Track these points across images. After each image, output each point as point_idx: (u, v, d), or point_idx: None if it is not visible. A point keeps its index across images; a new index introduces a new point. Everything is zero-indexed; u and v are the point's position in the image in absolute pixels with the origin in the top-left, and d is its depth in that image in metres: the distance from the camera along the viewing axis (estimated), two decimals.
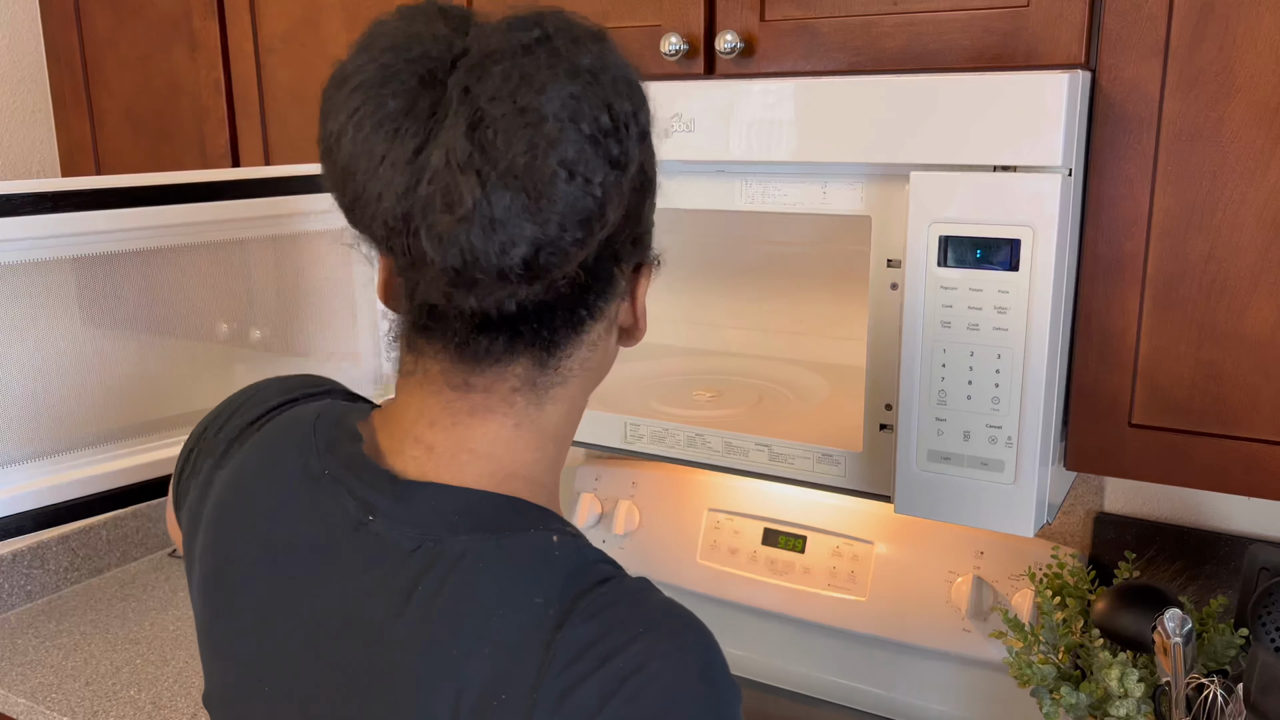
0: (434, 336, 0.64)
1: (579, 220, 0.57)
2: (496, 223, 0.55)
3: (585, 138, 0.56)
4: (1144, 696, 1.11)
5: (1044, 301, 0.95)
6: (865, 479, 1.11)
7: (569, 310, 0.64)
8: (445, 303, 0.61)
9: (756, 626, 1.55)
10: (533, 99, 0.55)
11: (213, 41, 1.61)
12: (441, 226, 0.55)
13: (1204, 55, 0.94)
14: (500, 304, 0.60)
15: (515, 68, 0.56)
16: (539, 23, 0.58)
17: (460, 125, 0.55)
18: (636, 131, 0.60)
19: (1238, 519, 1.30)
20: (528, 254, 0.56)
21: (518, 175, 0.55)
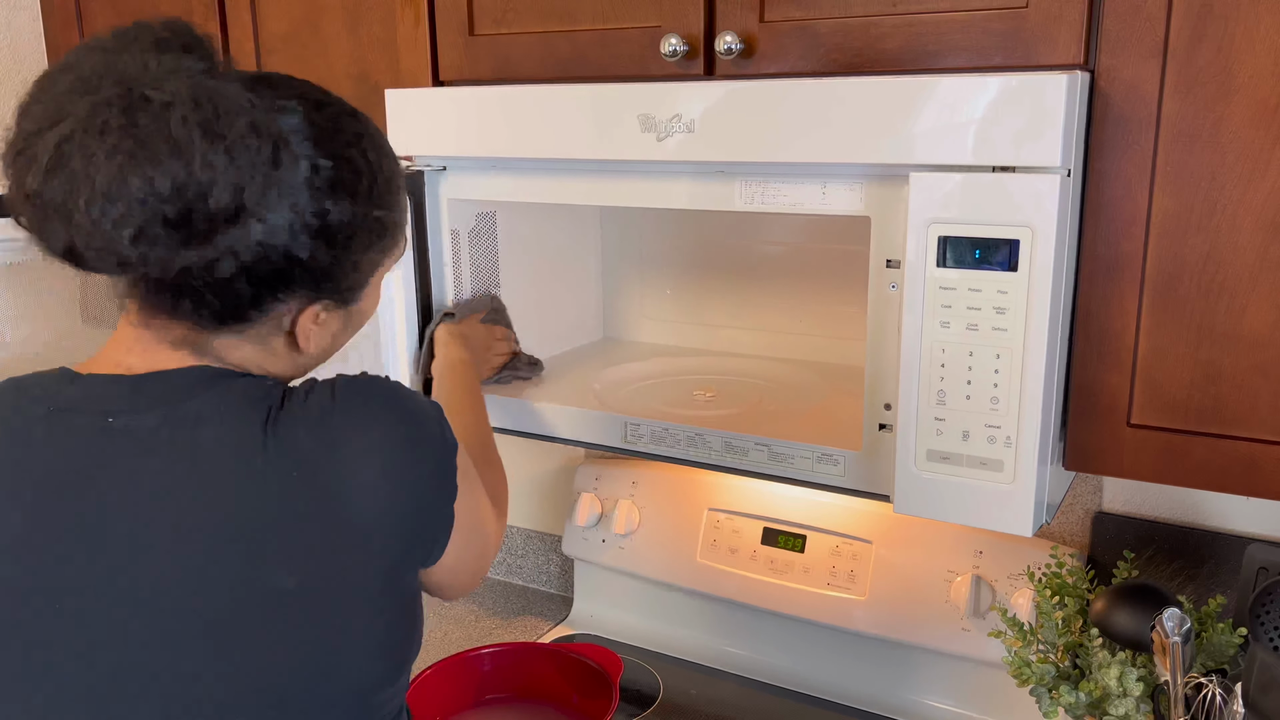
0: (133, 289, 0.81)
1: (113, 251, 0.72)
2: (48, 213, 0.72)
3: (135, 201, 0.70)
4: (1143, 696, 1.12)
5: (1043, 302, 0.96)
6: (865, 479, 1.12)
7: (206, 306, 0.79)
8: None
9: (756, 626, 1.56)
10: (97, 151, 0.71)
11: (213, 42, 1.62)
12: (17, 187, 0.74)
13: (1203, 56, 0.94)
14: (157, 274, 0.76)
15: (117, 115, 0.72)
16: (173, 89, 0.72)
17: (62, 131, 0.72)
18: (211, 208, 0.72)
19: (1236, 518, 1.30)
20: (64, 248, 0.73)
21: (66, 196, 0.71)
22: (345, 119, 0.83)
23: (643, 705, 1.47)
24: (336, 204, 0.79)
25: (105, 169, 0.69)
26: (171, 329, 0.81)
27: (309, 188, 0.77)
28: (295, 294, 0.81)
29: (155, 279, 0.76)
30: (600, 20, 1.21)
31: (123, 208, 0.69)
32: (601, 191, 1.20)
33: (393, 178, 0.86)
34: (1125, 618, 1.09)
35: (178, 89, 0.71)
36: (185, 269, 0.74)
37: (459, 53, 1.31)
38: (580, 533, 1.67)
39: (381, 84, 1.46)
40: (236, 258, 0.75)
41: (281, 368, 0.87)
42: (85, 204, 0.69)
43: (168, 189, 0.69)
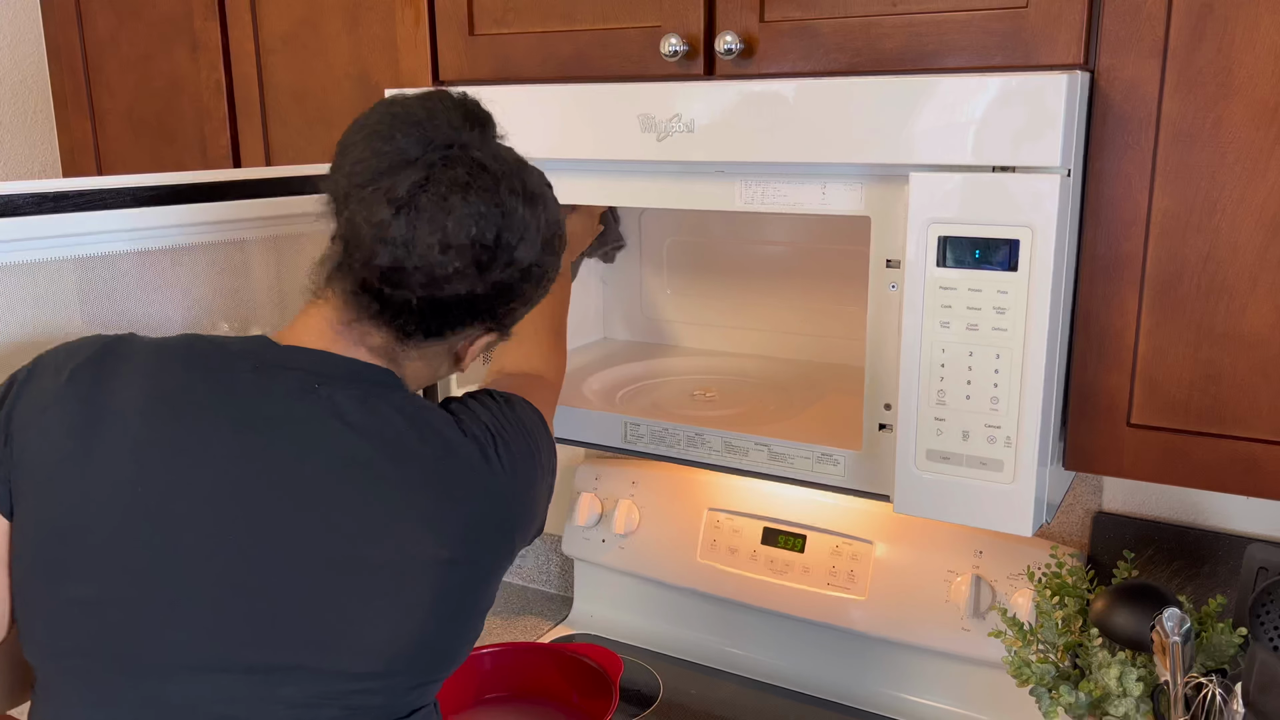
0: (339, 281, 0.92)
1: (429, 276, 0.87)
2: (385, 241, 0.86)
3: (467, 239, 0.88)
4: (1143, 695, 1.12)
5: (1043, 302, 0.96)
6: (865, 478, 1.12)
7: (423, 321, 0.91)
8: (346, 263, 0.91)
9: (756, 626, 1.56)
10: (455, 200, 0.88)
11: (214, 42, 1.62)
12: (360, 223, 0.88)
13: (1203, 56, 0.94)
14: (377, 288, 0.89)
15: (468, 174, 0.89)
16: (504, 160, 0.93)
17: (410, 179, 0.87)
18: (507, 258, 0.90)
19: (1236, 518, 1.30)
20: (387, 264, 0.87)
21: (414, 229, 0.86)
22: (549, 189, 0.97)
23: (643, 705, 1.47)
24: (549, 256, 0.94)
25: (456, 213, 0.85)
26: (373, 335, 0.92)
27: (521, 234, 0.90)
28: (479, 323, 0.94)
29: (390, 294, 0.89)
30: (600, 20, 1.21)
31: (457, 246, 0.86)
32: (601, 191, 1.20)
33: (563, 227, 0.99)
34: (1125, 618, 1.09)
35: (506, 160, 0.90)
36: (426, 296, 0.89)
37: (459, 53, 1.31)
38: (580, 533, 1.67)
39: (381, 84, 1.46)
40: (474, 286, 0.89)
41: (423, 380, 0.99)
42: (429, 236, 0.85)
43: (491, 239, 0.87)
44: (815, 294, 1.48)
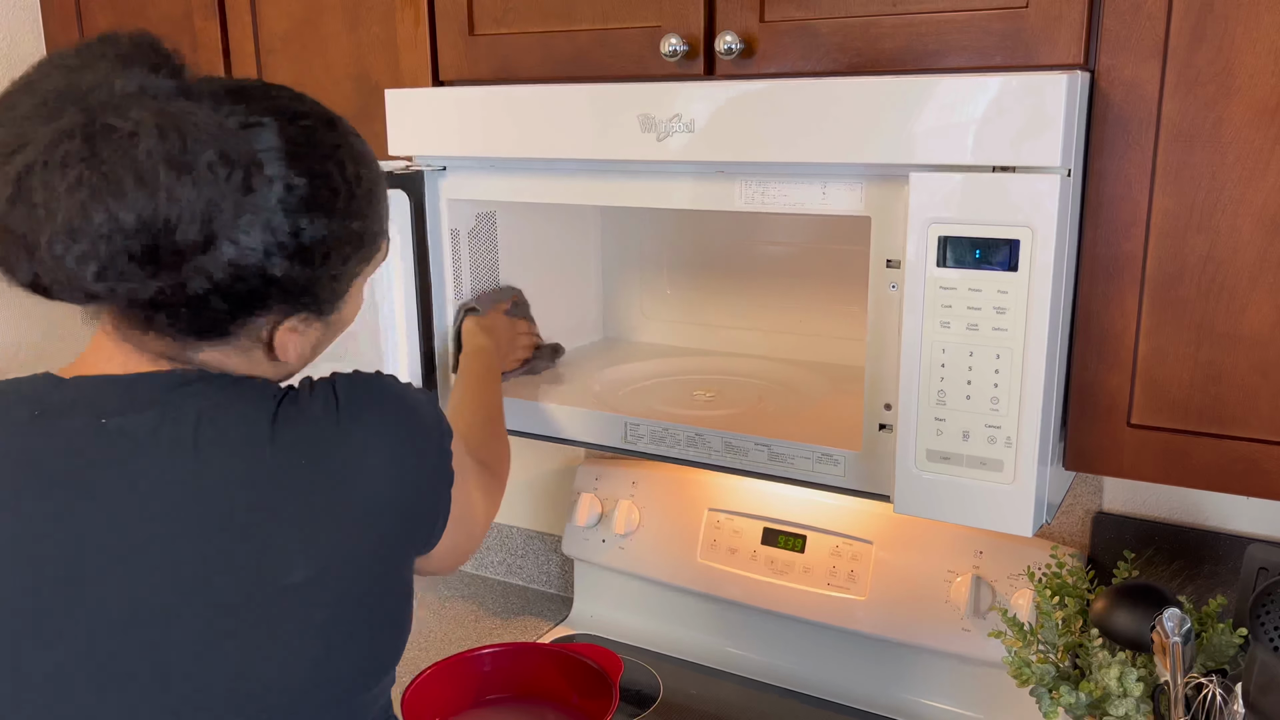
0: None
1: (79, 286, 0.70)
2: (9, 243, 0.70)
3: (100, 238, 0.68)
4: (1143, 696, 1.12)
5: (1043, 302, 0.96)
6: (865, 479, 1.12)
7: (181, 319, 0.77)
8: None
9: (756, 626, 1.55)
10: (57, 184, 0.69)
11: (213, 42, 1.62)
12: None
13: (1203, 56, 0.94)
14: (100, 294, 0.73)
15: (79, 146, 0.69)
16: (138, 117, 0.70)
17: (22, 160, 0.69)
18: (179, 241, 0.70)
19: (1236, 519, 1.30)
20: (30, 279, 0.71)
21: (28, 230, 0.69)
22: (322, 131, 0.80)
23: (643, 705, 1.47)
24: (312, 221, 0.77)
25: (67, 204, 0.66)
26: (150, 343, 0.80)
27: (283, 209, 0.76)
28: (272, 310, 0.81)
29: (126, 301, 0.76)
30: (600, 20, 1.21)
31: (86, 244, 0.67)
32: (601, 191, 1.20)
33: (373, 187, 0.84)
34: (1125, 618, 1.09)
35: (142, 117, 0.68)
36: (158, 290, 0.73)
37: (459, 53, 1.31)
38: (580, 533, 1.67)
39: (381, 84, 1.46)
40: (209, 278, 0.75)
41: (266, 373, 0.86)
42: (48, 241, 0.67)
43: (132, 224, 0.67)
44: (815, 294, 1.48)
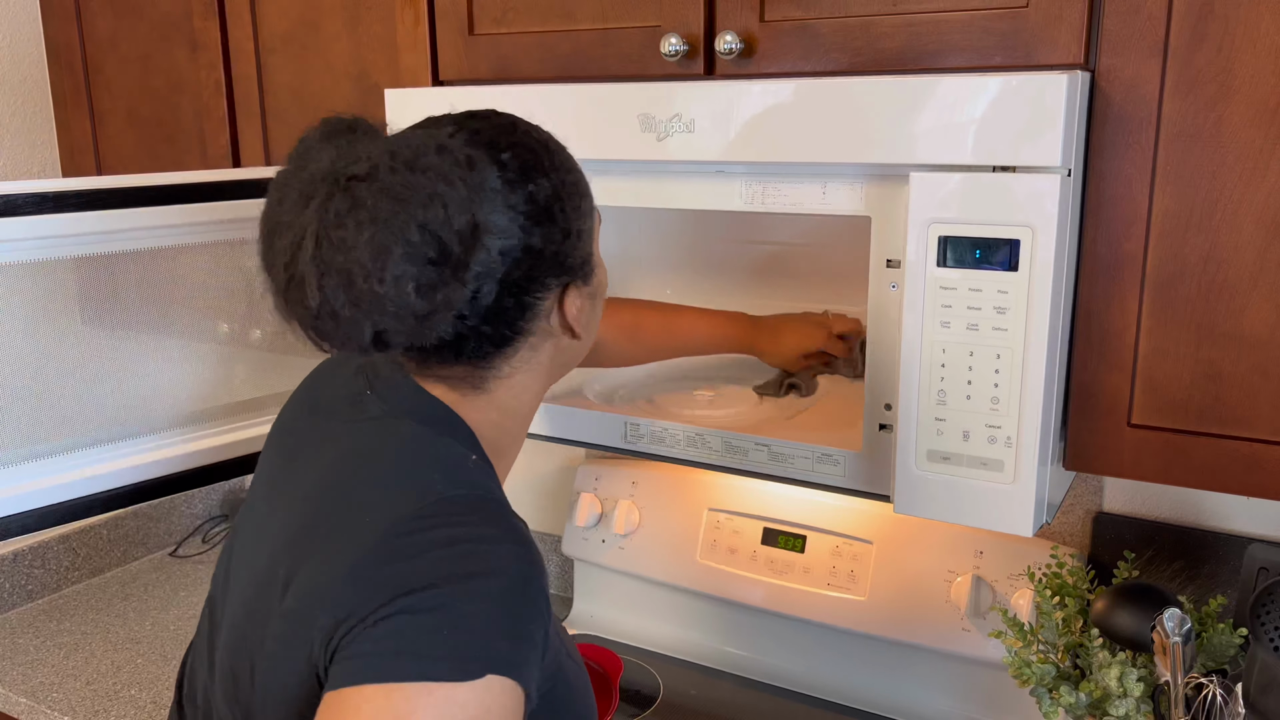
0: None
1: (411, 313, 0.75)
2: (339, 318, 0.75)
3: (399, 253, 0.73)
4: (1143, 696, 1.12)
5: (1043, 302, 0.96)
6: (865, 479, 1.12)
7: (486, 338, 0.82)
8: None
9: (756, 626, 1.55)
10: (353, 227, 0.73)
11: (213, 41, 1.62)
12: (299, 313, 0.77)
13: (1203, 56, 0.94)
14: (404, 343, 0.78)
15: (348, 198, 0.74)
16: (374, 154, 0.75)
17: (310, 244, 0.74)
18: (458, 231, 0.75)
19: (1237, 519, 1.30)
20: (372, 337, 0.76)
21: (346, 286, 0.73)
22: (495, 120, 0.85)
23: (643, 705, 1.47)
24: (535, 183, 0.81)
25: (364, 248, 0.73)
26: (447, 376, 0.85)
27: (504, 182, 0.79)
28: (548, 287, 0.84)
29: (432, 337, 0.79)
30: (600, 20, 1.21)
31: (398, 267, 0.73)
32: (601, 191, 1.20)
33: (560, 147, 0.89)
34: (1126, 618, 1.09)
35: (371, 154, 0.76)
36: (460, 317, 0.78)
37: (458, 52, 1.31)
38: (580, 533, 1.67)
39: (381, 84, 1.46)
40: (493, 277, 0.79)
41: (568, 361, 0.91)
42: (371, 283, 0.73)
43: (415, 233, 0.73)
44: (815, 294, 1.48)
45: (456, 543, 0.73)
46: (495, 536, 0.75)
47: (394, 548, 0.73)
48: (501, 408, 0.87)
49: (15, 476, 1.09)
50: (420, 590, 0.70)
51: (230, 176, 1.18)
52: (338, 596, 0.73)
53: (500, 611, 0.71)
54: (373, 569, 0.72)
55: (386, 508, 0.76)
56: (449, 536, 0.74)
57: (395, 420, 0.84)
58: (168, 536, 2.07)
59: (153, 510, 2.02)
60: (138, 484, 1.18)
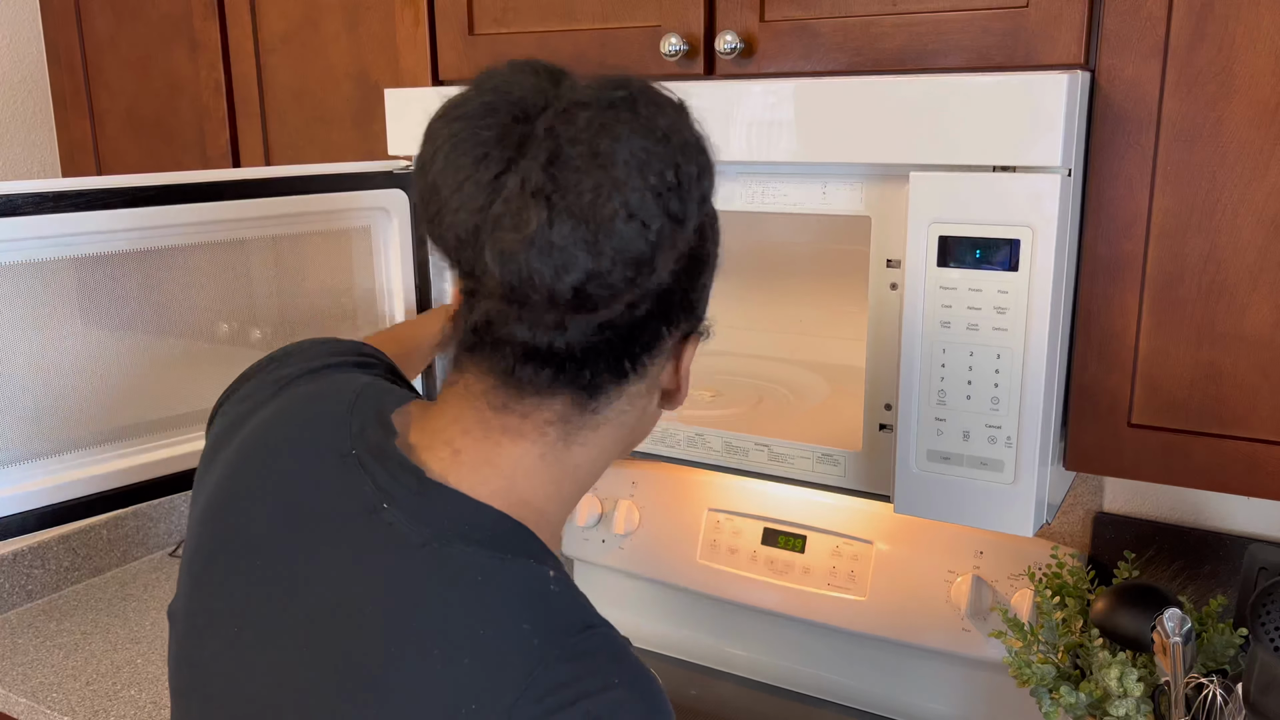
0: (482, 358, 0.69)
1: (631, 259, 0.61)
2: (555, 248, 0.59)
3: (649, 187, 0.60)
4: (1143, 696, 1.12)
5: (1043, 302, 0.96)
6: (865, 479, 1.12)
7: (613, 358, 0.68)
8: (498, 321, 0.66)
9: (756, 626, 1.55)
10: (608, 145, 0.60)
11: (213, 42, 1.62)
12: (505, 243, 0.60)
13: (1203, 55, 0.94)
14: (549, 337, 0.66)
15: (598, 117, 0.61)
16: (626, 85, 0.63)
17: (540, 158, 0.60)
18: (698, 194, 0.64)
19: (1237, 519, 1.30)
20: (578, 281, 0.61)
21: (582, 209, 0.59)
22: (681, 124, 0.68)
23: None
24: (704, 180, 0.66)
25: (622, 168, 0.60)
26: (543, 410, 0.69)
27: (696, 160, 0.65)
28: (677, 326, 0.72)
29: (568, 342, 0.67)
30: (600, 20, 1.21)
31: (646, 202, 0.61)
32: None
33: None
34: (1126, 618, 1.09)
35: (622, 84, 0.64)
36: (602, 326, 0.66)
37: (458, 52, 1.31)
38: (580, 533, 1.67)
39: (381, 84, 1.46)
40: (656, 286, 0.66)
41: (627, 443, 0.76)
42: (615, 205, 0.60)
43: (672, 175, 0.62)
44: (815, 294, 1.48)
45: (574, 708, 0.61)
46: (618, 696, 0.63)
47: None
48: (574, 474, 0.72)
49: (15, 476, 1.09)
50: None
51: (230, 176, 1.18)
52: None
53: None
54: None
55: (489, 694, 0.61)
56: (572, 715, 0.61)
57: (440, 549, 0.66)
58: (168, 536, 2.07)
59: (153, 510, 2.02)
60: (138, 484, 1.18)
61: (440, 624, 0.63)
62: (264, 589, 0.70)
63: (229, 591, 0.72)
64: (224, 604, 0.72)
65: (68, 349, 1.12)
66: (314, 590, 0.68)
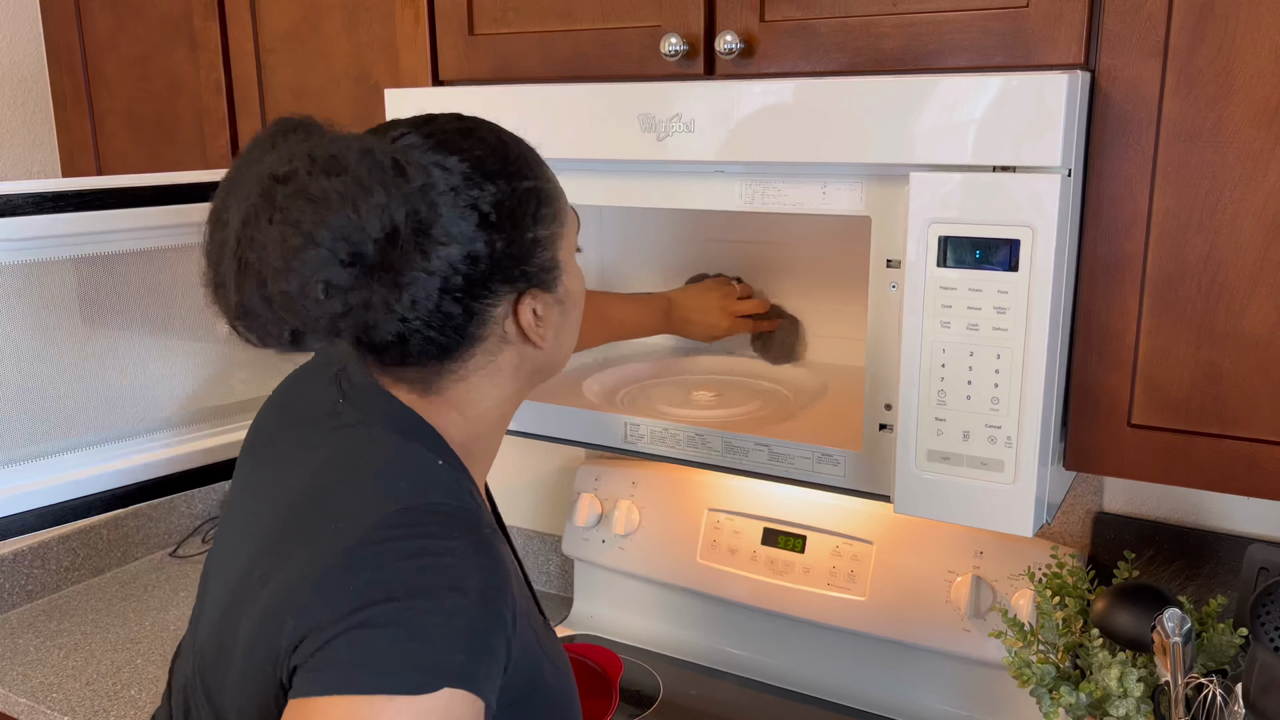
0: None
1: (322, 313, 0.74)
2: (258, 317, 0.75)
3: (311, 257, 0.73)
4: (1143, 696, 1.12)
5: (1043, 302, 0.96)
6: (865, 479, 1.12)
7: (431, 341, 0.82)
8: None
9: (756, 626, 1.55)
10: (269, 230, 0.73)
11: (213, 41, 1.62)
12: (229, 314, 0.78)
13: (1203, 56, 0.94)
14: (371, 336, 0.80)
15: (266, 203, 0.74)
16: (294, 157, 0.76)
17: (231, 245, 0.75)
18: (369, 235, 0.74)
19: (1237, 519, 1.30)
20: (290, 335, 0.76)
21: (263, 288, 0.74)
22: (452, 125, 0.85)
23: (643, 705, 1.47)
24: (482, 189, 0.81)
25: (274, 248, 0.73)
26: (407, 374, 0.85)
27: (448, 186, 0.80)
28: (499, 293, 0.83)
29: (377, 337, 0.80)
30: (600, 20, 1.21)
31: (307, 269, 0.73)
32: (602, 191, 1.20)
33: (525, 151, 0.88)
34: (1126, 618, 1.09)
35: (295, 154, 0.76)
36: (402, 320, 0.79)
37: (458, 52, 1.31)
38: (580, 533, 1.67)
39: (381, 84, 1.46)
40: (431, 281, 0.79)
41: (537, 372, 0.90)
42: (280, 283, 0.73)
43: (326, 236, 0.73)
44: (816, 294, 1.48)
45: (418, 555, 0.74)
46: (458, 548, 0.75)
47: (360, 558, 0.74)
48: (463, 411, 0.87)
49: (15, 476, 1.09)
50: (381, 603, 0.71)
51: None
52: (305, 604, 0.74)
53: (459, 624, 0.72)
54: (338, 579, 0.73)
55: (357, 516, 0.77)
56: (412, 549, 0.74)
57: (368, 428, 0.85)
58: (168, 536, 2.07)
59: (153, 510, 2.02)
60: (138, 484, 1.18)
61: (347, 473, 0.82)
62: (256, 470, 0.92)
63: (242, 482, 0.94)
64: (241, 488, 0.94)
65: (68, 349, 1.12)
66: (283, 462, 0.89)
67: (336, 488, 0.81)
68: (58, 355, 1.11)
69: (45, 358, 1.10)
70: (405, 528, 0.75)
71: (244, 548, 0.86)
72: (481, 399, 0.87)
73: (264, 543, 0.83)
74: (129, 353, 1.16)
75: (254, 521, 0.87)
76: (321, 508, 0.80)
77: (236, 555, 0.87)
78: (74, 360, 1.12)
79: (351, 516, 0.77)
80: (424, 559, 0.74)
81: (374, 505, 0.77)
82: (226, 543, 0.91)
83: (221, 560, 0.90)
